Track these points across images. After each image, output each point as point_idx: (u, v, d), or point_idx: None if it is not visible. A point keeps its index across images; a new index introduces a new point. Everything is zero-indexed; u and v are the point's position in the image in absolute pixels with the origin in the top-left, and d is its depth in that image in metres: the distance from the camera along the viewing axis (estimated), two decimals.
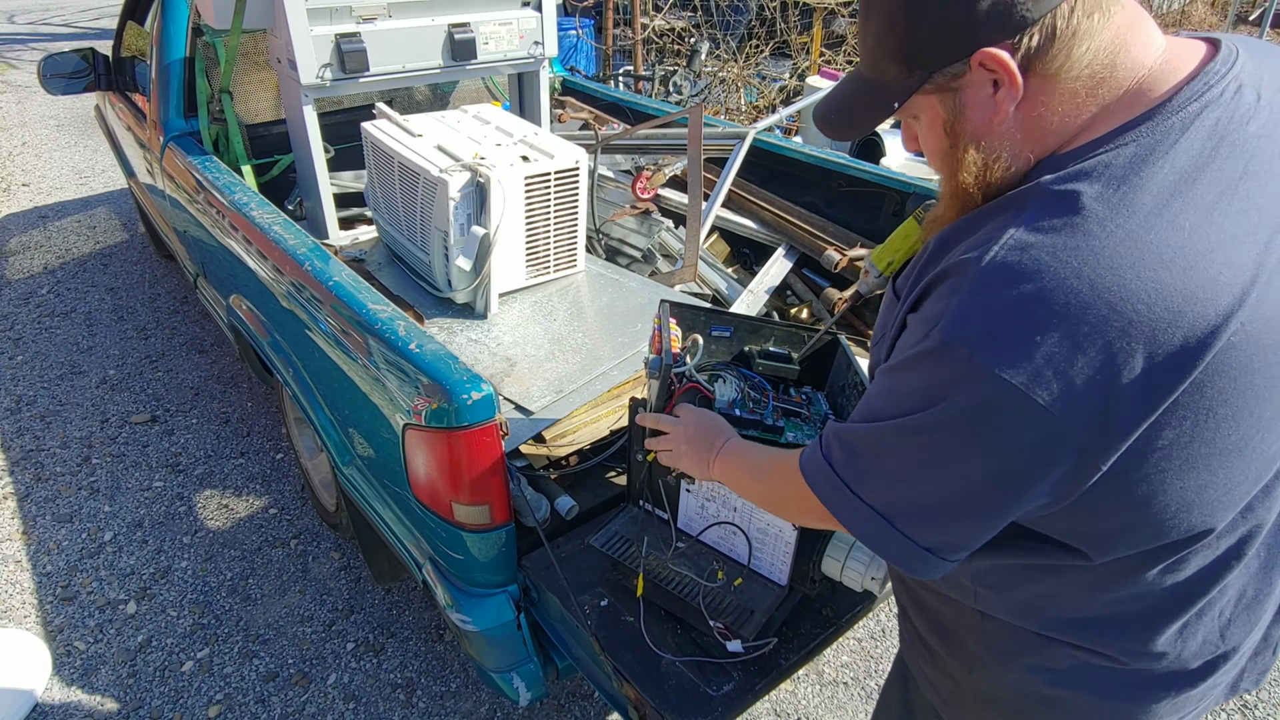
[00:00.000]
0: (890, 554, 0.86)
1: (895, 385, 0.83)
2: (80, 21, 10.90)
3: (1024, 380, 0.71)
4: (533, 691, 1.70)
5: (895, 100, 0.84)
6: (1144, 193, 0.73)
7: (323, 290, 1.81)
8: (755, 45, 6.14)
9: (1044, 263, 0.72)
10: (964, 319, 0.75)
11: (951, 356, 0.75)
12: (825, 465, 0.91)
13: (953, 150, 0.84)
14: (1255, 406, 0.75)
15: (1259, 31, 5.24)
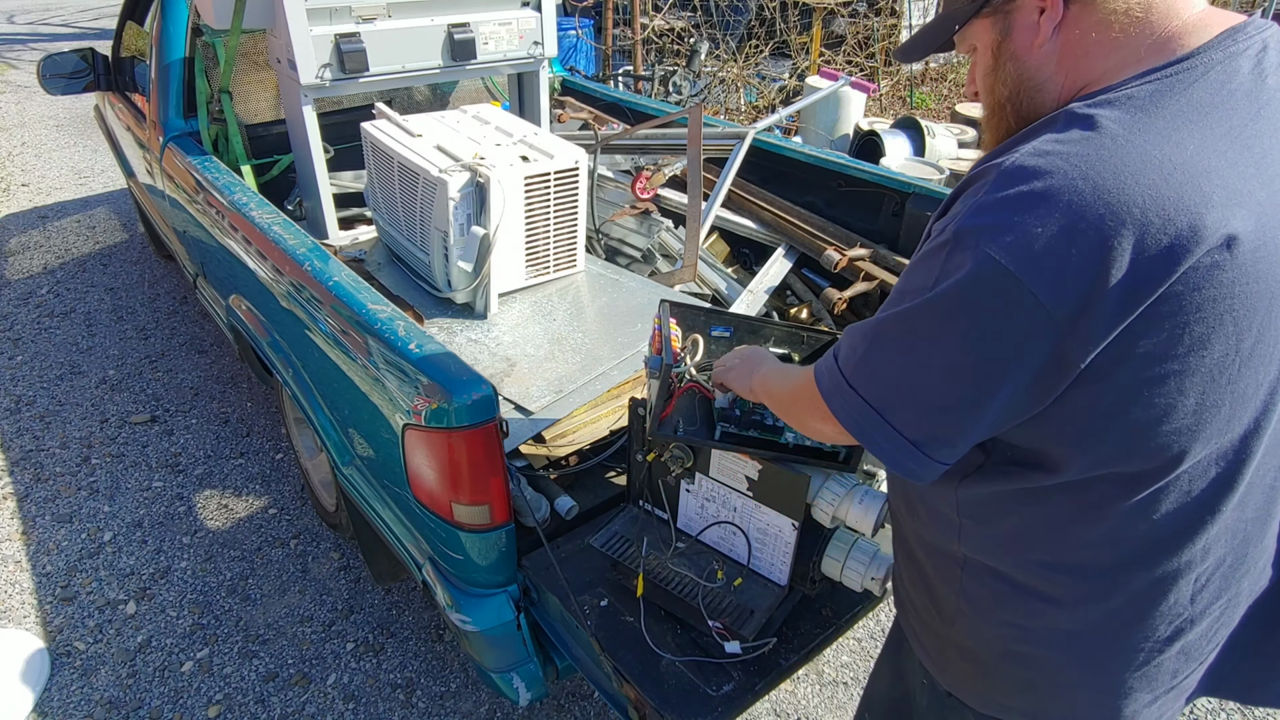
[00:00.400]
0: (880, 448, 0.89)
1: (904, 281, 0.89)
2: (80, 21, 10.90)
3: (1018, 265, 0.76)
4: (532, 692, 1.70)
5: (957, 23, 0.94)
6: (1157, 118, 0.79)
7: (322, 290, 1.81)
8: (755, 45, 6.14)
9: (1056, 165, 0.78)
10: (976, 212, 0.81)
11: (959, 245, 0.81)
12: (831, 361, 0.96)
13: (995, 69, 0.93)
14: (1234, 332, 0.78)
15: None
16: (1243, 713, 2.13)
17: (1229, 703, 2.15)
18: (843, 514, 1.34)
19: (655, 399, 1.39)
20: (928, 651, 1.12)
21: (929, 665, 1.12)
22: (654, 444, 1.49)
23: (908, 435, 0.87)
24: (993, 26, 0.92)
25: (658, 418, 1.41)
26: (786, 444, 1.37)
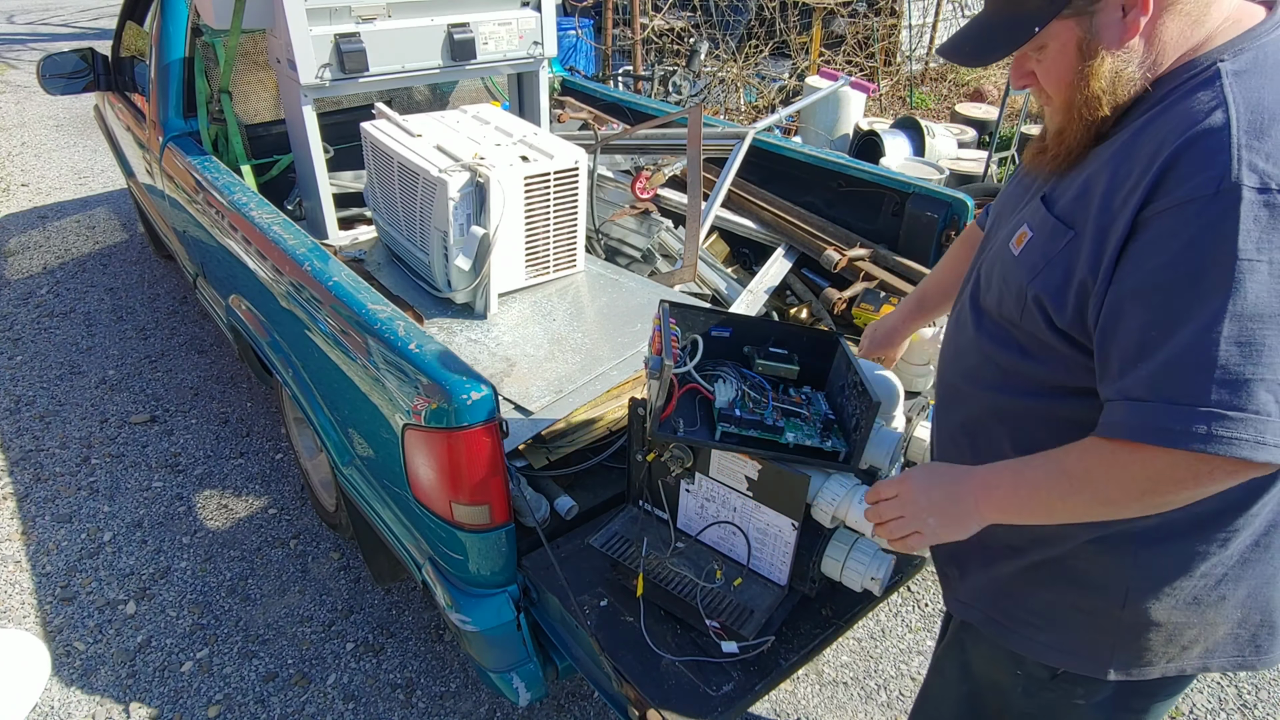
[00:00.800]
0: (1237, 449, 0.79)
1: (1189, 274, 0.82)
2: (80, 21, 10.89)
3: None
4: (532, 692, 1.70)
5: (1037, 25, 0.93)
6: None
7: (322, 290, 1.81)
8: (755, 45, 6.14)
9: (1274, 83, 0.83)
10: (1254, 159, 0.80)
11: (1263, 196, 0.79)
12: (1175, 410, 0.81)
13: (1085, 67, 0.93)
14: None
15: None
16: (1242, 712, 2.13)
17: (1229, 702, 2.15)
18: (842, 514, 1.34)
19: (655, 399, 1.39)
20: (1077, 655, 1.08)
21: (1079, 667, 1.09)
22: (654, 444, 1.49)
23: (1274, 415, 0.79)
24: (1077, 26, 0.93)
25: (658, 418, 1.41)
26: (787, 444, 1.37)
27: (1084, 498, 0.92)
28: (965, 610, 1.22)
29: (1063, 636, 1.10)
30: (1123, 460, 0.87)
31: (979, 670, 1.26)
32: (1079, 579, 1.06)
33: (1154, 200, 0.85)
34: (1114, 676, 1.08)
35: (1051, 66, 0.97)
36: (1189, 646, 1.05)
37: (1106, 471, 0.89)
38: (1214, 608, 1.02)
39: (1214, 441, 0.79)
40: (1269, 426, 0.79)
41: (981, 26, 1.00)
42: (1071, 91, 0.96)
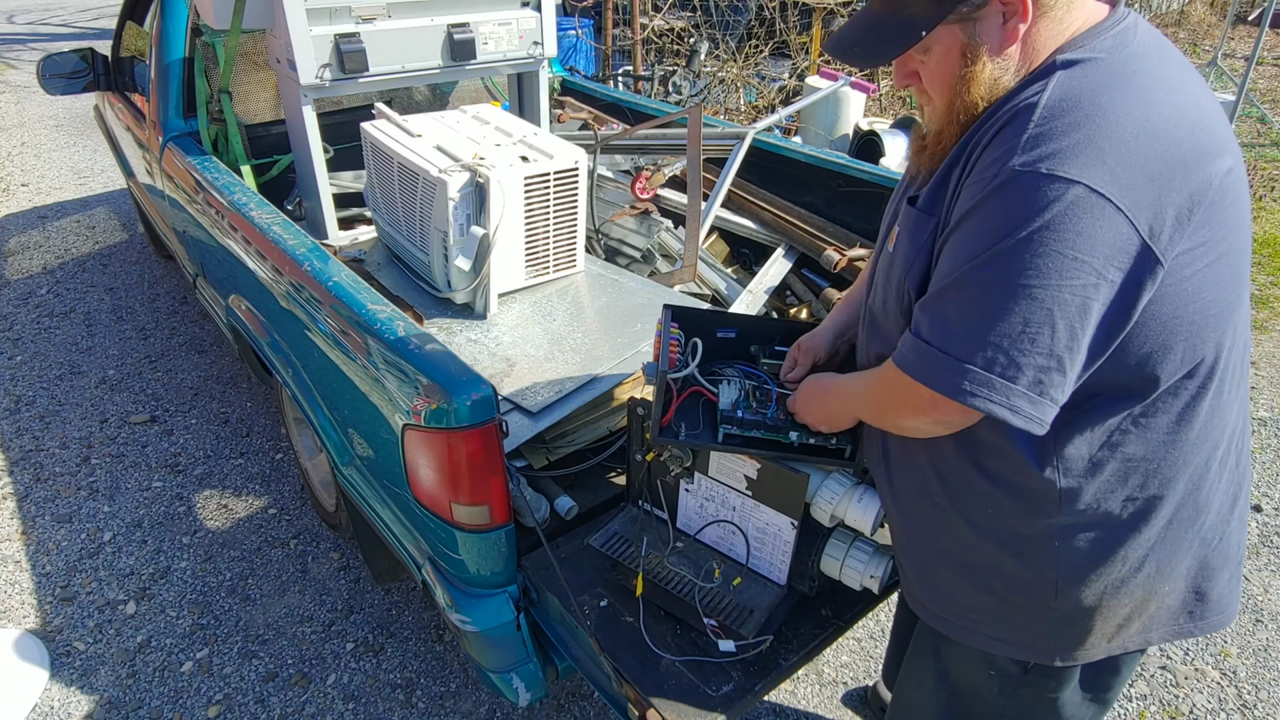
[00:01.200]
0: (997, 408, 0.90)
1: (966, 232, 0.92)
2: (80, 21, 10.89)
3: (1099, 182, 0.83)
4: (532, 692, 1.70)
5: (923, 29, 0.96)
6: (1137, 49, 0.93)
7: (322, 290, 1.81)
8: (755, 45, 6.14)
9: (1093, 91, 0.88)
10: (1032, 146, 0.86)
11: (1024, 180, 0.86)
12: (914, 340, 0.96)
13: (966, 72, 0.97)
14: (1236, 226, 0.94)
15: (1259, 31, 5.24)
16: (1242, 712, 2.13)
17: (1229, 702, 2.15)
18: (841, 513, 1.34)
19: (654, 405, 1.39)
20: (1026, 645, 1.14)
21: (1031, 656, 1.15)
22: (652, 443, 1.49)
23: (1022, 384, 0.89)
24: (960, 31, 0.96)
25: (658, 424, 1.40)
26: (791, 443, 1.37)
27: (868, 405, 1.14)
28: (921, 609, 1.25)
29: (1008, 629, 1.15)
30: (897, 385, 1.00)
31: (956, 676, 1.27)
32: (1009, 578, 1.10)
33: (969, 172, 0.95)
34: (1060, 663, 1.14)
35: (935, 69, 1.00)
36: (1125, 625, 1.11)
37: (884, 387, 1.06)
38: (1141, 587, 1.07)
39: (960, 393, 0.92)
40: (993, 384, 0.90)
41: (868, 26, 1.02)
42: (952, 95, 0.99)
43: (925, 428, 1.04)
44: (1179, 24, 9.53)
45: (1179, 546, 1.07)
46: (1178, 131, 0.87)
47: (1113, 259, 0.85)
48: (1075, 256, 0.84)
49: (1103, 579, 1.06)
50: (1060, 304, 0.86)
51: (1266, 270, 4.41)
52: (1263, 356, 3.65)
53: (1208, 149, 0.89)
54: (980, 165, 0.92)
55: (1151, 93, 0.88)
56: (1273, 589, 2.49)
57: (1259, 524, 2.73)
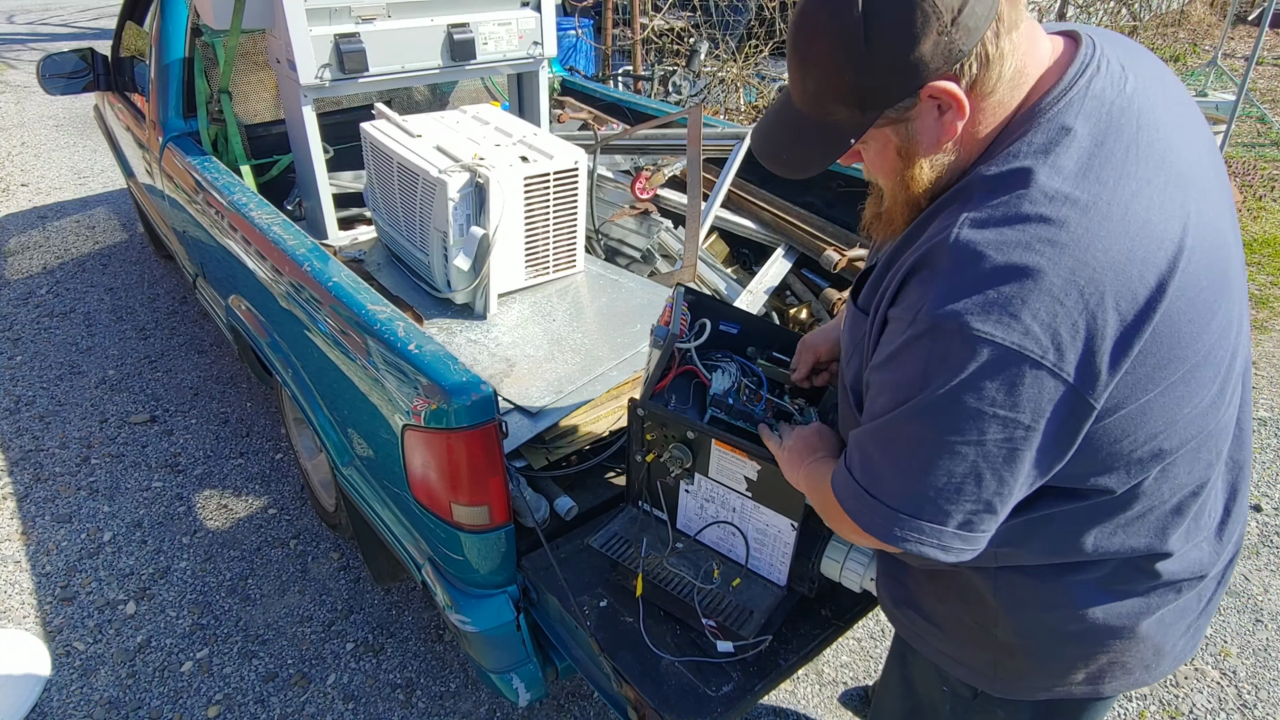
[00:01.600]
0: (924, 548, 0.89)
1: (889, 377, 0.88)
2: (79, 21, 10.89)
3: (1018, 340, 0.79)
4: (532, 692, 1.70)
5: (850, 137, 0.91)
6: (1068, 159, 0.84)
7: (322, 291, 1.81)
8: (754, 45, 6.13)
9: (1008, 236, 0.81)
10: (947, 297, 0.82)
11: (942, 333, 0.82)
12: (847, 475, 0.95)
13: (905, 170, 0.92)
14: (1203, 326, 0.87)
15: (1259, 31, 5.23)
16: (1242, 712, 2.13)
17: (1229, 702, 2.15)
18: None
19: (652, 369, 1.40)
20: (968, 667, 1.13)
21: (972, 680, 1.14)
22: (652, 443, 1.49)
23: (949, 526, 0.88)
24: (892, 133, 0.90)
25: (651, 387, 1.41)
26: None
27: (818, 505, 1.12)
28: (892, 618, 1.24)
29: (957, 647, 1.13)
30: (836, 509, 0.98)
31: (919, 687, 1.27)
32: (964, 593, 1.08)
33: (894, 304, 0.90)
34: (998, 692, 1.12)
35: (875, 160, 0.95)
36: (1069, 672, 1.07)
37: (828, 505, 1.02)
38: (1084, 639, 1.03)
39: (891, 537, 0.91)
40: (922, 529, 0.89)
41: (793, 130, 0.95)
42: (898, 187, 0.94)
43: (866, 543, 1.02)
44: (1179, 24, 9.53)
45: (1134, 608, 1.02)
46: (1109, 277, 0.80)
47: (1040, 411, 0.82)
48: (997, 414, 0.81)
49: (1043, 621, 1.03)
50: (987, 457, 0.84)
51: (1266, 270, 4.41)
52: (1263, 356, 3.65)
53: (1137, 278, 0.81)
54: (900, 304, 0.88)
55: (1083, 233, 0.80)
56: (1273, 589, 2.49)
57: (1259, 524, 2.73)
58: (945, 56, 0.82)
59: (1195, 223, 0.85)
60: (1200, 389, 0.90)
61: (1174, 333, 0.84)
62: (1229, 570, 1.11)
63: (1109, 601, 1.01)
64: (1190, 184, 0.87)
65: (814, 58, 0.87)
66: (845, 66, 0.84)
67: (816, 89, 0.88)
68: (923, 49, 0.82)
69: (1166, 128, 0.89)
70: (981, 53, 0.84)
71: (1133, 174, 0.84)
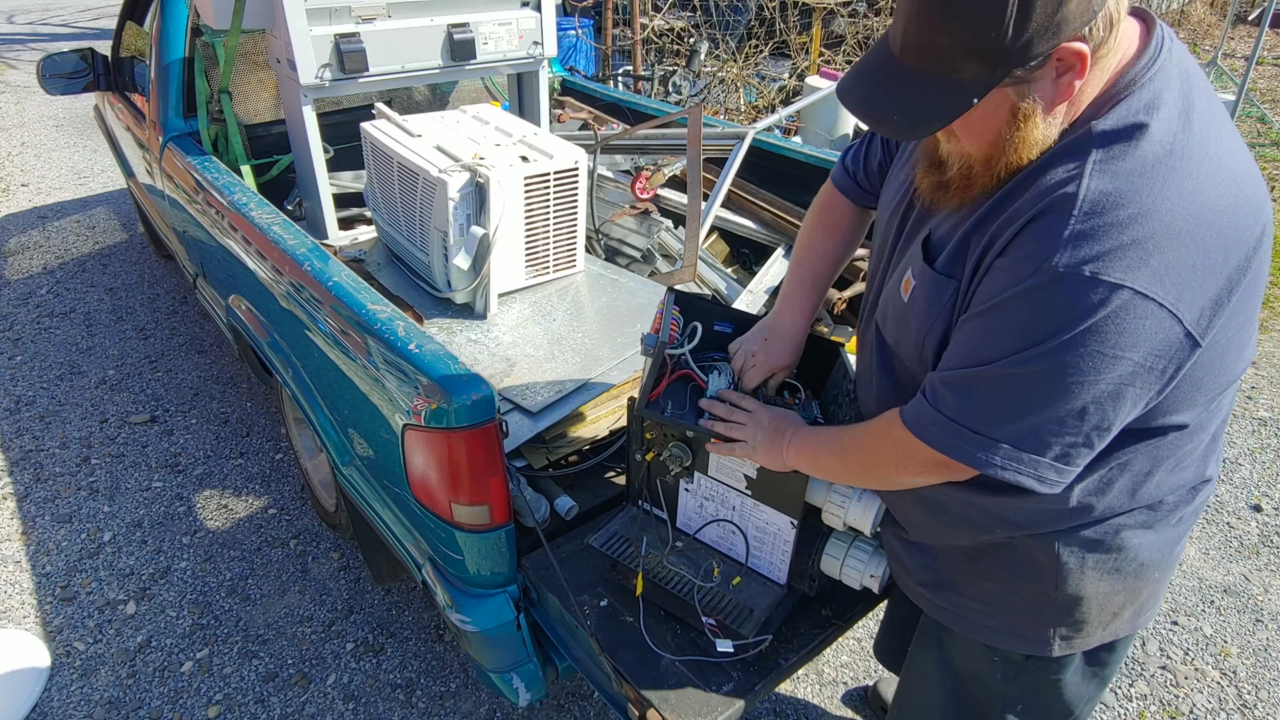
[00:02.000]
0: (1023, 477, 0.93)
1: (999, 325, 0.91)
2: (80, 21, 10.89)
3: (1145, 284, 0.83)
4: (532, 692, 1.70)
5: (975, 96, 0.87)
6: (1174, 117, 0.88)
7: (322, 290, 1.81)
8: (755, 45, 6.13)
9: (1135, 184, 0.85)
10: (1074, 245, 0.85)
11: (1069, 283, 0.84)
12: (937, 415, 0.97)
13: (1014, 131, 0.91)
14: (1262, 283, 0.95)
15: (1259, 31, 5.24)
16: (1242, 712, 2.13)
17: (1229, 702, 2.15)
18: (852, 518, 1.34)
19: (646, 376, 1.40)
20: (1024, 637, 1.18)
21: (1028, 648, 1.18)
22: (652, 443, 1.49)
23: (1047, 457, 0.92)
24: (1013, 93, 0.88)
25: (646, 395, 1.41)
26: None
27: (860, 458, 1.13)
28: (924, 601, 1.28)
29: (1007, 620, 1.18)
30: (906, 446, 1.01)
31: (960, 664, 1.29)
32: (1014, 568, 1.13)
33: (996, 249, 0.93)
34: (1057, 652, 1.17)
35: (977, 125, 0.92)
36: (1119, 613, 1.15)
37: (890, 446, 1.06)
38: (1134, 576, 1.11)
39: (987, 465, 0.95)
40: (1021, 458, 0.93)
41: (902, 86, 0.90)
42: (995, 152, 0.93)
43: (924, 482, 1.07)
44: (1179, 24, 9.53)
45: (1170, 537, 1.12)
46: (1218, 217, 0.86)
47: (1155, 352, 0.86)
48: (1117, 355, 0.85)
49: (1100, 570, 1.09)
50: (1096, 396, 0.88)
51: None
52: (1263, 356, 3.65)
53: (1245, 222, 0.88)
54: (1016, 254, 0.90)
55: (1193, 177, 0.86)
56: (1273, 589, 2.49)
57: (1259, 524, 2.73)
58: (1083, 15, 0.83)
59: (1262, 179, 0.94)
60: (1253, 325, 0.98)
61: (1259, 274, 0.92)
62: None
63: (1158, 538, 1.09)
64: (1250, 158, 0.95)
65: (958, 10, 0.84)
66: (993, 22, 0.82)
67: (950, 44, 0.85)
68: (1069, 7, 0.82)
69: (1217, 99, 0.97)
70: (1108, 15, 0.85)
71: (1221, 130, 0.91)
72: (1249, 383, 3.46)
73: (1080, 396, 0.88)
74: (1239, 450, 3.07)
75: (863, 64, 0.95)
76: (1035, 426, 0.91)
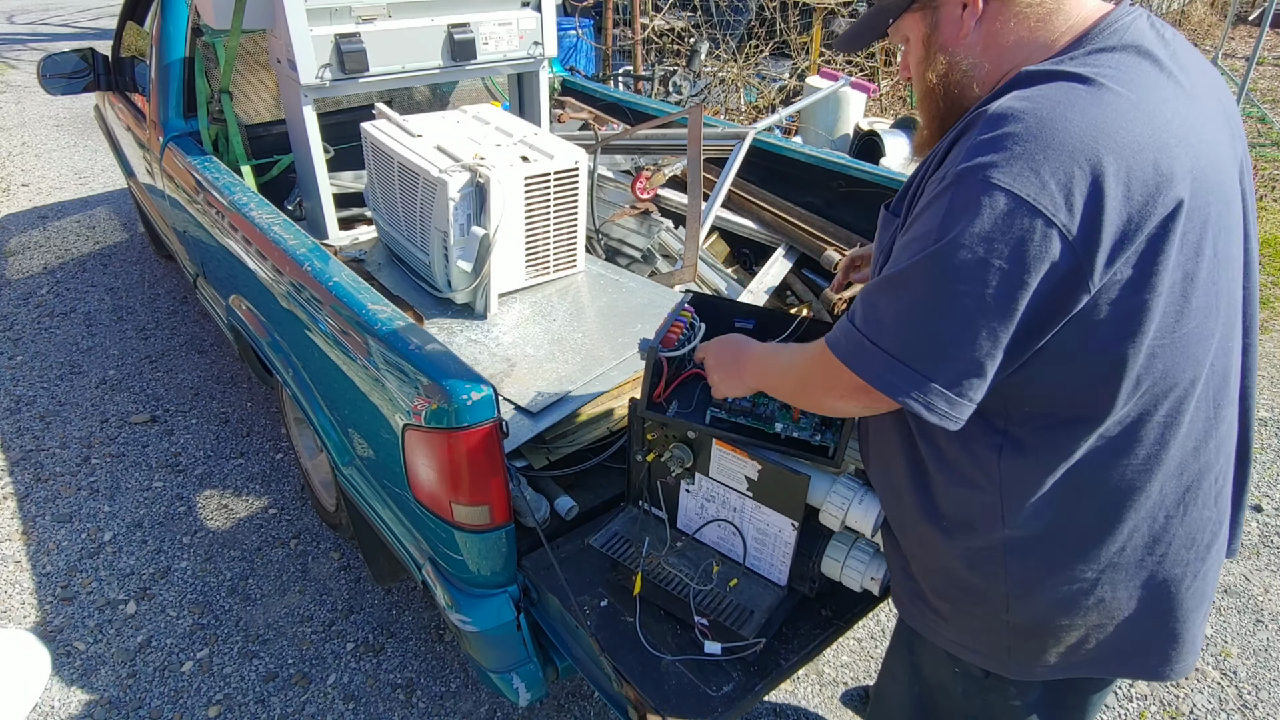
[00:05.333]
0: (914, 400, 0.92)
1: (912, 233, 0.93)
2: (80, 21, 10.89)
3: (1033, 193, 0.84)
4: (532, 692, 1.70)
5: (891, 16, 1.07)
6: (1108, 65, 0.91)
7: (322, 291, 1.81)
8: (755, 45, 6.13)
9: (1040, 104, 0.88)
10: (976, 152, 0.88)
11: (964, 184, 0.87)
12: (848, 324, 0.99)
13: (925, 58, 1.06)
14: (1196, 259, 0.92)
15: (1259, 31, 5.24)
16: (1243, 712, 2.13)
17: (1229, 702, 2.15)
18: (852, 519, 1.34)
19: (646, 379, 1.40)
20: (982, 653, 1.15)
21: (986, 664, 1.16)
22: (654, 444, 1.49)
23: (939, 381, 0.91)
24: (922, 20, 1.04)
25: (647, 398, 1.41)
26: (776, 434, 1.37)
27: (792, 378, 1.14)
28: (899, 604, 1.27)
29: (967, 636, 1.16)
30: (828, 367, 1.01)
31: (927, 672, 1.29)
32: (966, 588, 1.11)
33: (931, 175, 0.97)
34: (1015, 675, 1.14)
35: (908, 58, 1.09)
36: (1078, 647, 1.10)
37: (815, 367, 1.07)
38: (1095, 610, 1.06)
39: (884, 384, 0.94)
40: (913, 379, 0.92)
41: (859, 20, 1.15)
42: (917, 80, 1.08)
43: (849, 409, 1.08)
44: (1179, 24, 9.53)
45: (1134, 575, 1.04)
46: (1126, 150, 0.85)
47: (1039, 269, 0.85)
48: (1001, 266, 0.85)
49: (1052, 596, 1.05)
50: (983, 310, 0.87)
51: (1267, 270, 4.41)
52: (1263, 356, 3.65)
53: (1162, 169, 0.87)
54: (939, 170, 0.95)
55: (1105, 110, 0.87)
56: (1273, 589, 2.49)
57: (1259, 524, 2.73)
58: None
59: (1207, 162, 0.91)
60: (1209, 332, 0.95)
61: (1190, 234, 0.89)
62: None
63: (1120, 574, 1.04)
64: (1200, 137, 0.93)
65: None
66: None
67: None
68: None
69: (1204, 71, 0.99)
70: None
71: (1162, 87, 0.91)
72: None
73: (965, 307, 0.87)
74: None
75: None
76: (924, 339, 0.91)
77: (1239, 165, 1.02)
